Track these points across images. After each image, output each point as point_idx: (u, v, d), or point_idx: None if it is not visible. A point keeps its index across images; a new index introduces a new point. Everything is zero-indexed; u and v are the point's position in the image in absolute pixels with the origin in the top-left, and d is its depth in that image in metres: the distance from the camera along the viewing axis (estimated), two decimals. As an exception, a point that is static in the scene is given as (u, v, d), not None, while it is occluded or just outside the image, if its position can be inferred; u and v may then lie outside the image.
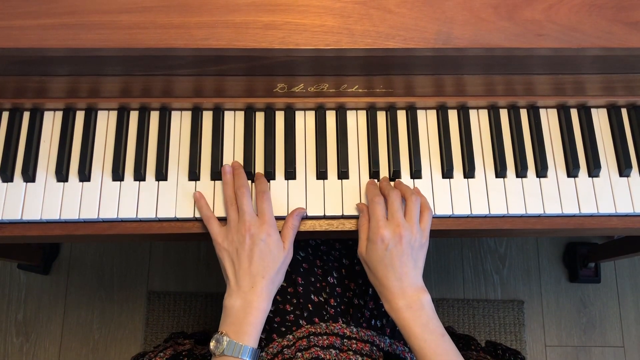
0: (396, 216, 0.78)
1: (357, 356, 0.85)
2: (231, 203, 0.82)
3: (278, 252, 0.80)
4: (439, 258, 1.67)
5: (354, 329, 0.89)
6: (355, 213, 0.84)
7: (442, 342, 0.76)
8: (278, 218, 0.84)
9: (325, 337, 0.87)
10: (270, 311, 0.91)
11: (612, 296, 1.65)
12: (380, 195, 0.81)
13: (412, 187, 0.86)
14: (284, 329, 0.89)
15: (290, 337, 0.88)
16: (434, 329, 0.76)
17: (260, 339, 0.89)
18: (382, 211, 0.80)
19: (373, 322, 0.91)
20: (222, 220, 0.83)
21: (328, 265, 0.97)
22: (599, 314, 1.64)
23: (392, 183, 0.86)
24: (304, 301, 0.91)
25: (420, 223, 0.80)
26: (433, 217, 0.84)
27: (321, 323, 0.89)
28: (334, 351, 0.85)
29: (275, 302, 0.92)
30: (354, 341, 0.88)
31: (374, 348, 0.87)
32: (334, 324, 0.89)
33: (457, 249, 1.68)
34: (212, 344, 0.77)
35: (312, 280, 0.94)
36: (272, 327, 0.90)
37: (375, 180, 0.87)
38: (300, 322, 0.89)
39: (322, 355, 0.83)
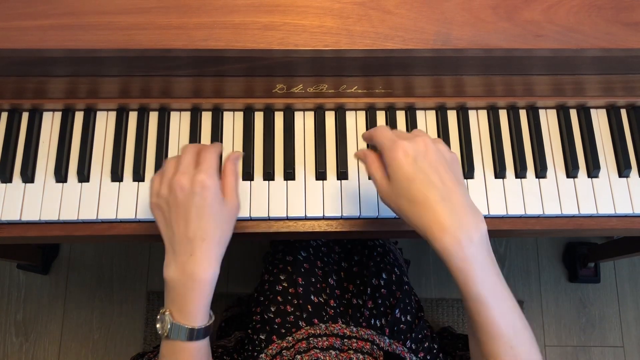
0: (407, 133, 0.64)
1: (358, 354, 0.84)
2: (175, 157, 0.69)
3: (218, 207, 0.66)
4: (438, 258, 1.67)
5: (354, 328, 0.89)
6: (353, 214, 0.84)
7: (502, 286, 0.61)
8: (277, 219, 0.84)
9: (324, 338, 0.87)
10: (271, 312, 0.90)
11: (612, 296, 1.65)
12: (383, 125, 0.72)
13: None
14: (283, 331, 0.89)
15: (290, 338, 0.88)
16: (494, 271, 0.60)
17: (260, 340, 0.89)
18: (391, 132, 0.65)
19: (372, 321, 0.91)
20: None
21: (328, 267, 0.97)
22: (599, 313, 1.64)
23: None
24: (303, 302, 0.91)
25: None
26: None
27: (320, 324, 0.89)
28: (333, 352, 0.85)
29: (276, 302, 0.92)
30: (354, 340, 0.87)
31: (374, 347, 0.87)
32: (333, 325, 0.89)
33: (456, 249, 1.68)
34: (157, 325, 0.66)
35: (313, 280, 0.94)
36: (273, 329, 0.90)
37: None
38: (300, 323, 0.89)
39: (322, 357, 0.83)
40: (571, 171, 0.87)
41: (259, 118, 0.89)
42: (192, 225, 0.64)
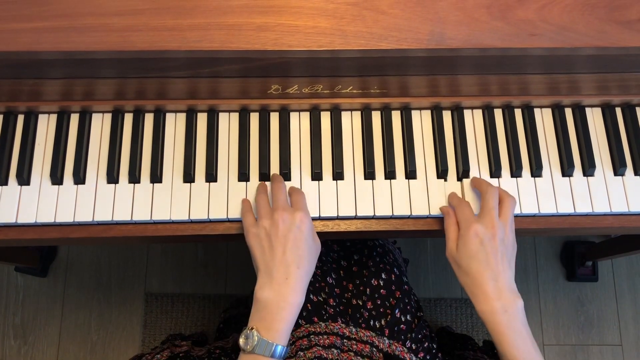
0: (491, 213, 0.77)
1: (358, 357, 0.85)
2: (260, 192, 0.81)
3: (312, 242, 0.77)
4: (437, 257, 1.67)
5: (353, 329, 0.89)
6: (349, 214, 0.84)
7: (534, 352, 0.73)
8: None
9: (325, 336, 0.87)
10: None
11: (610, 295, 1.65)
12: (467, 201, 0.81)
13: (407, 187, 0.86)
14: (283, 330, 0.89)
15: (290, 336, 0.88)
16: (527, 338, 0.74)
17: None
18: (472, 212, 0.78)
19: (372, 322, 0.91)
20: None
21: (327, 266, 0.97)
22: (597, 312, 1.64)
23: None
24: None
25: (511, 225, 0.78)
26: (426, 217, 0.85)
27: (320, 322, 0.89)
28: (335, 351, 0.85)
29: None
30: (354, 342, 0.88)
31: (374, 349, 0.87)
32: (333, 324, 0.89)
33: (454, 249, 1.68)
34: (241, 340, 0.72)
35: (311, 280, 0.94)
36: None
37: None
38: (300, 321, 0.89)
39: (325, 355, 0.83)
40: (566, 170, 0.87)
41: (254, 119, 0.89)
42: (289, 253, 0.74)
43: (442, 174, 0.87)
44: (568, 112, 0.91)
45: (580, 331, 1.63)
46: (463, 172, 0.87)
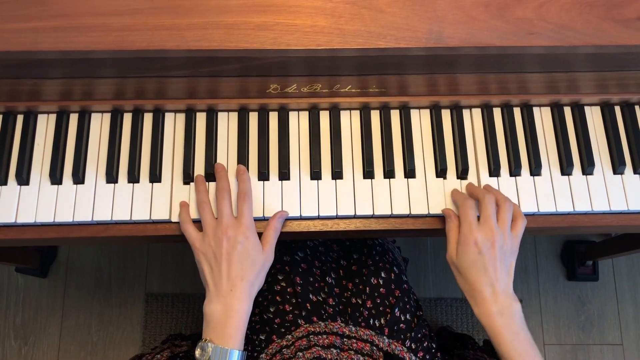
0: (490, 221, 0.78)
1: (358, 356, 0.85)
2: (203, 202, 0.82)
3: (257, 255, 0.80)
4: (437, 257, 1.67)
5: (353, 328, 0.89)
6: (349, 213, 0.84)
7: (532, 352, 0.76)
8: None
9: (325, 336, 0.87)
10: (270, 312, 0.91)
11: (610, 294, 1.65)
12: (470, 199, 0.82)
13: (406, 186, 0.86)
14: (283, 330, 0.89)
15: (289, 337, 0.88)
16: (525, 339, 0.76)
17: (260, 340, 0.89)
18: (474, 215, 0.79)
19: (371, 321, 0.91)
20: (197, 222, 0.83)
21: (326, 265, 0.97)
22: (597, 311, 1.64)
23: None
24: (302, 300, 0.91)
25: (512, 230, 0.80)
26: (425, 217, 0.85)
27: (320, 322, 0.89)
28: (335, 350, 0.85)
29: (275, 302, 0.92)
30: (354, 340, 0.88)
31: (374, 348, 0.87)
32: (332, 323, 0.89)
33: (454, 248, 1.68)
34: (197, 352, 0.75)
35: (311, 280, 0.94)
36: (272, 329, 0.90)
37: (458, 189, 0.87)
38: (299, 321, 0.89)
39: (324, 355, 0.83)
40: (566, 169, 0.87)
41: (253, 118, 0.89)
42: (233, 268, 0.77)
43: (441, 172, 0.87)
44: (567, 111, 0.91)
45: (581, 330, 1.63)
46: (462, 171, 0.87)
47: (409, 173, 0.87)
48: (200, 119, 0.89)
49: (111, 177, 0.85)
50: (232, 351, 0.74)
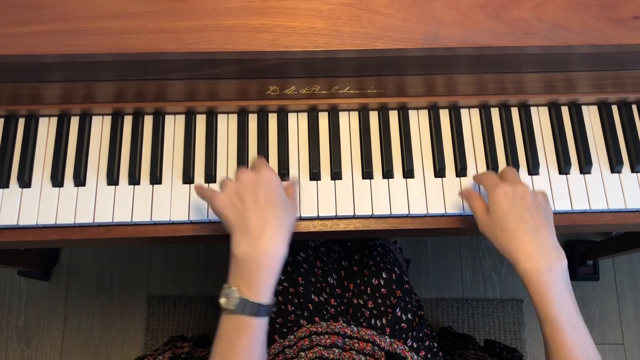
0: (511, 175, 0.75)
1: (360, 355, 0.85)
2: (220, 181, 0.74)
3: (284, 198, 0.72)
4: (438, 258, 1.67)
5: (355, 328, 0.89)
6: (348, 213, 0.85)
7: (577, 315, 0.68)
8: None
9: (327, 336, 0.87)
10: (273, 312, 0.91)
11: (611, 294, 1.65)
12: (489, 171, 0.80)
13: (405, 186, 0.86)
14: (285, 330, 0.90)
15: (292, 337, 0.88)
16: (569, 300, 0.69)
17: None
18: (496, 176, 0.76)
19: (373, 321, 0.91)
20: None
21: (328, 266, 0.98)
22: (598, 311, 1.64)
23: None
24: (304, 301, 0.91)
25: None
26: (424, 216, 0.85)
27: (322, 322, 0.89)
28: (337, 350, 0.85)
29: (277, 302, 0.92)
30: (356, 340, 0.88)
31: (376, 347, 0.88)
32: (334, 323, 0.90)
33: (455, 249, 1.69)
34: (222, 300, 0.67)
35: (313, 280, 0.94)
36: (274, 328, 0.90)
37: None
38: (301, 321, 0.90)
39: (326, 355, 0.83)
40: (563, 168, 0.87)
41: (252, 120, 0.90)
42: (262, 201, 0.69)
43: (439, 172, 0.87)
44: (564, 110, 0.91)
45: (582, 330, 1.62)
46: (460, 171, 0.87)
47: (408, 173, 0.87)
48: (200, 121, 0.89)
49: (112, 179, 0.85)
50: (262, 305, 0.66)
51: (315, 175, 0.86)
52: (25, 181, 0.85)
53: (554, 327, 0.67)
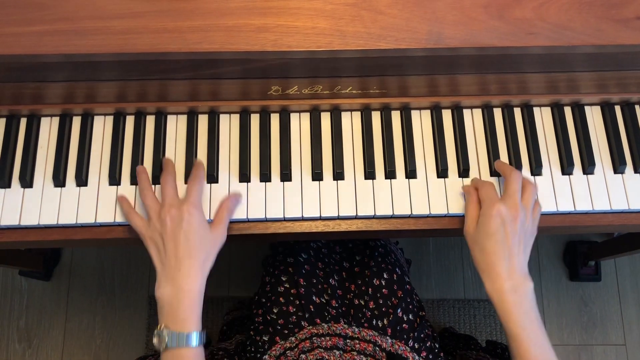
0: (515, 196, 0.77)
1: (361, 356, 0.85)
2: (145, 189, 0.80)
3: (204, 232, 0.77)
4: (439, 258, 1.67)
5: (356, 329, 0.89)
6: (350, 214, 0.85)
7: (540, 334, 0.74)
8: (274, 220, 0.85)
9: (328, 337, 0.87)
10: (274, 313, 0.91)
11: (613, 294, 1.65)
12: (491, 182, 0.82)
13: (407, 187, 0.86)
14: (286, 331, 0.90)
15: (293, 338, 0.88)
16: (534, 319, 0.74)
17: (263, 342, 0.90)
18: (495, 192, 0.79)
19: (374, 322, 0.91)
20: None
21: (329, 267, 0.97)
22: (600, 312, 1.64)
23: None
24: (305, 302, 0.91)
25: (532, 213, 0.79)
26: (426, 217, 0.85)
27: (323, 324, 0.89)
28: (337, 352, 0.85)
29: (278, 303, 0.92)
30: (357, 341, 0.88)
31: (377, 348, 0.88)
32: (335, 325, 0.89)
33: (457, 249, 1.69)
34: (155, 341, 0.73)
35: (314, 281, 0.94)
36: (275, 330, 0.90)
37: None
38: (302, 323, 0.90)
39: (327, 357, 0.83)
40: (566, 168, 0.87)
41: (255, 120, 0.90)
42: (180, 247, 0.74)
43: (442, 173, 0.87)
44: (567, 111, 0.91)
45: (584, 331, 1.62)
46: (463, 171, 0.87)
47: (410, 174, 0.87)
48: (202, 121, 0.89)
49: (114, 179, 0.85)
50: (189, 335, 0.72)
51: (317, 176, 0.86)
52: (27, 181, 0.85)
53: (519, 344, 0.72)
